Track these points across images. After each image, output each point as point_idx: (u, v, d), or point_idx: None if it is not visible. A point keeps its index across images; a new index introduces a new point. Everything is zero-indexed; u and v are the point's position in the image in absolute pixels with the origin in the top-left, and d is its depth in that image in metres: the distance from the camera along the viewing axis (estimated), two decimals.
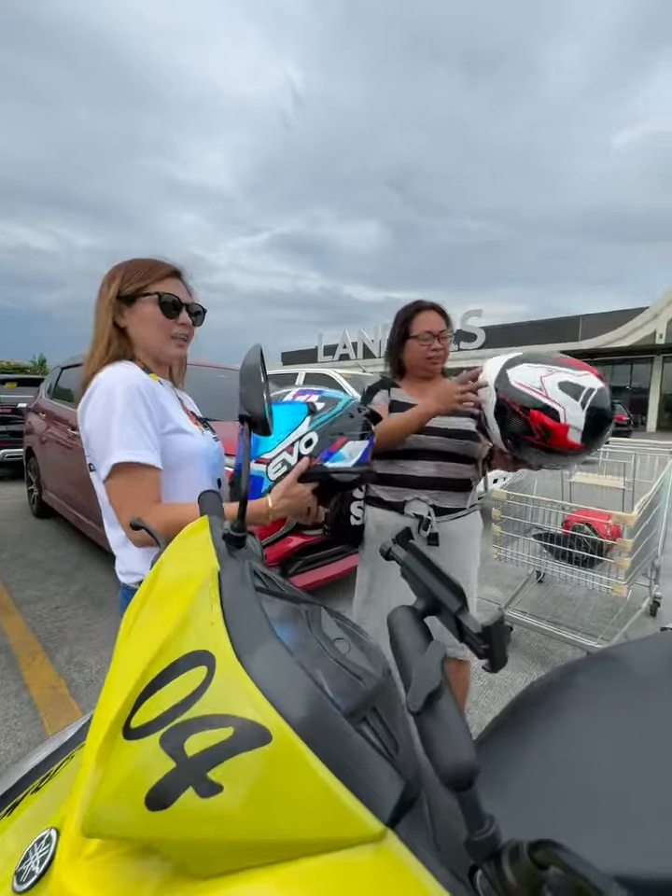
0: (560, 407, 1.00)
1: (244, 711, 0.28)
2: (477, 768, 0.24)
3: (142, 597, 0.45)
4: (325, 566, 2.57)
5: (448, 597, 0.31)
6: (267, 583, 0.43)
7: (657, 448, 2.67)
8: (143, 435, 0.79)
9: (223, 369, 3.35)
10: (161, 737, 0.29)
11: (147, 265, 0.88)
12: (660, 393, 22.84)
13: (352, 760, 0.27)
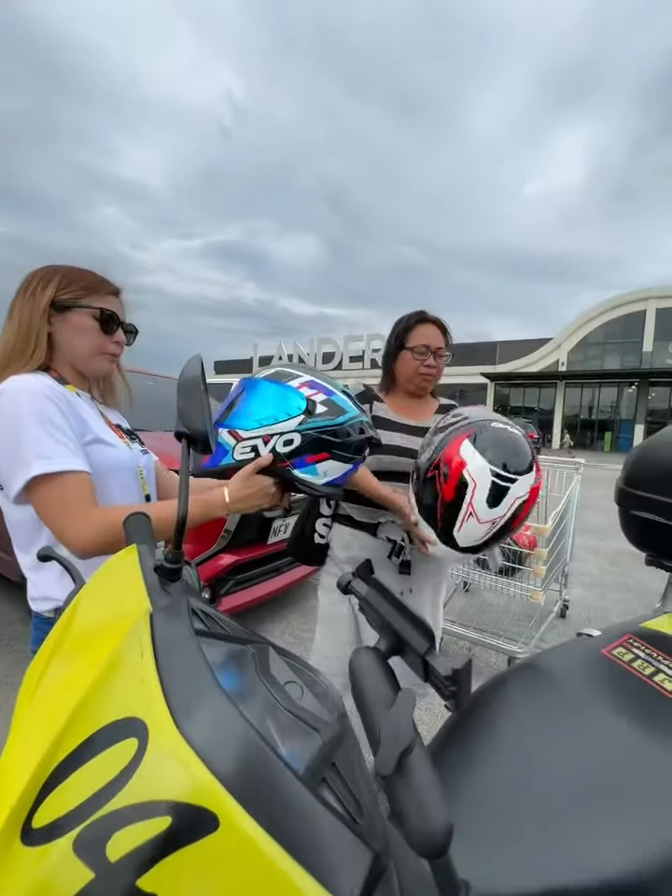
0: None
1: (184, 793, 0.23)
2: (450, 835, 0.22)
3: (51, 647, 0.37)
4: (257, 584, 2.46)
5: (415, 638, 0.29)
6: (208, 623, 0.38)
7: (564, 464, 2.96)
8: (62, 440, 0.71)
9: (151, 375, 3.14)
10: (75, 840, 0.23)
11: (90, 277, 0.84)
12: (563, 415, 25.71)
13: (313, 835, 0.24)
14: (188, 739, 0.25)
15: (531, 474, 0.96)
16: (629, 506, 1.12)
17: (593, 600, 3.24)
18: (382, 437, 1.18)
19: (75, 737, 0.28)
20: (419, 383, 1.28)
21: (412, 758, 0.23)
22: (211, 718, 0.27)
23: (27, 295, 0.79)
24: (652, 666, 0.88)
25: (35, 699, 0.34)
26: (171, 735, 0.25)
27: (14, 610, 2.63)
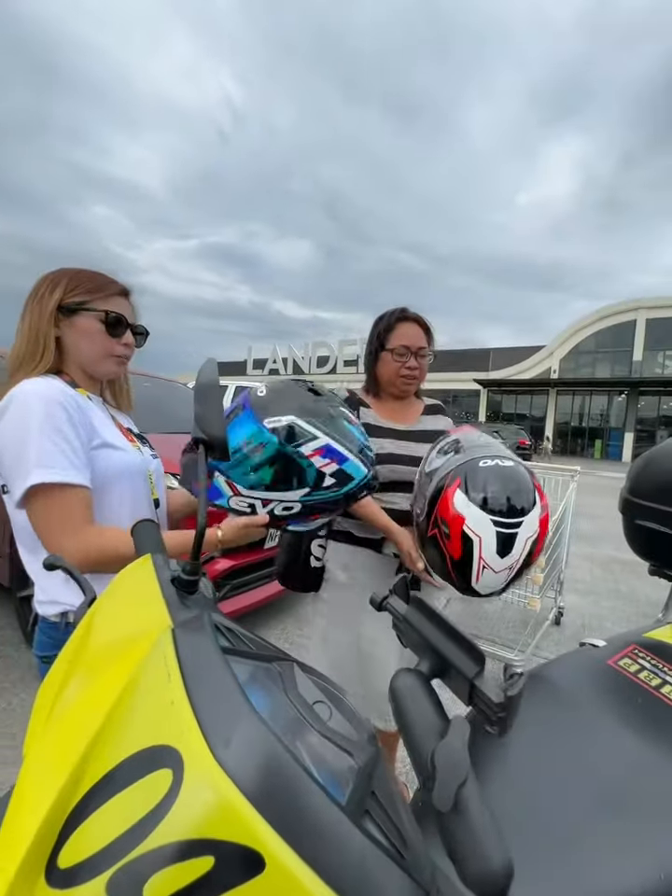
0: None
1: (227, 831, 0.22)
2: (510, 875, 0.21)
3: (66, 665, 0.35)
4: (253, 589, 2.44)
5: (463, 660, 0.28)
6: (232, 640, 0.36)
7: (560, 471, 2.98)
8: (66, 451, 0.71)
9: (148, 377, 3.10)
10: (108, 881, 0.21)
11: (98, 279, 0.83)
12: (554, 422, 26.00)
13: (361, 873, 0.22)
14: (227, 770, 0.24)
15: (536, 509, 0.86)
16: (633, 515, 1.12)
17: (587, 607, 3.25)
18: (372, 445, 1.13)
19: (99, 767, 0.26)
20: (401, 385, 1.22)
21: (466, 791, 0.22)
22: (249, 746, 0.25)
23: (36, 299, 0.79)
24: (659, 678, 0.88)
25: (50, 722, 0.32)
26: (209, 766, 0.24)
27: (3, 615, 2.56)
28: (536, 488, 0.88)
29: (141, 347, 0.90)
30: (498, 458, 0.89)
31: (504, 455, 0.91)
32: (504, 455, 0.92)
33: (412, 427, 1.24)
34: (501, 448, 0.97)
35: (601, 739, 0.74)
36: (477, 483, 0.85)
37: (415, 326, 1.20)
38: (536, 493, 0.88)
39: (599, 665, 0.93)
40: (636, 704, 0.81)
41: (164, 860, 0.21)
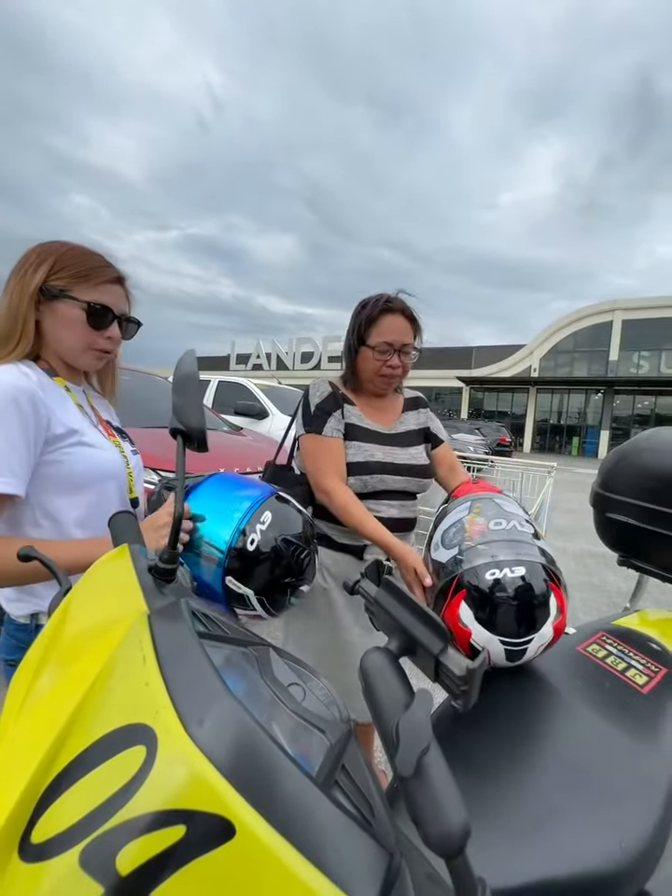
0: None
1: (198, 801, 0.23)
2: (467, 833, 0.22)
3: (40, 654, 0.36)
4: None
5: (429, 637, 0.29)
6: (208, 625, 0.37)
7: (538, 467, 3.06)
8: (10, 454, 0.65)
9: (128, 370, 3.04)
10: (81, 853, 0.22)
11: (88, 262, 0.75)
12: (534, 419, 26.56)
13: (329, 839, 0.23)
14: (199, 745, 0.24)
15: (550, 620, 0.77)
16: (604, 509, 1.17)
17: None
18: (360, 453, 1.11)
19: (74, 746, 0.26)
20: (380, 384, 1.13)
21: (428, 758, 0.23)
22: (222, 722, 0.26)
23: (19, 274, 0.72)
24: (624, 662, 0.92)
25: (24, 709, 0.32)
26: (182, 742, 0.25)
27: None
28: (551, 592, 0.78)
29: (130, 339, 0.84)
30: (508, 567, 0.77)
31: (513, 560, 0.78)
32: (514, 558, 0.79)
33: (394, 430, 1.19)
34: (514, 535, 0.84)
35: (570, 721, 0.77)
36: (481, 601, 0.76)
37: (400, 318, 1.08)
38: (549, 603, 0.78)
39: (569, 651, 0.97)
40: (603, 688, 0.85)
41: (136, 830, 0.22)
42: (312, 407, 1.13)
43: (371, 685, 0.28)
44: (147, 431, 1.87)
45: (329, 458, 1.09)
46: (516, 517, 0.89)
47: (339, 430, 1.11)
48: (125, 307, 0.80)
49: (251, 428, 4.32)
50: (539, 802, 0.61)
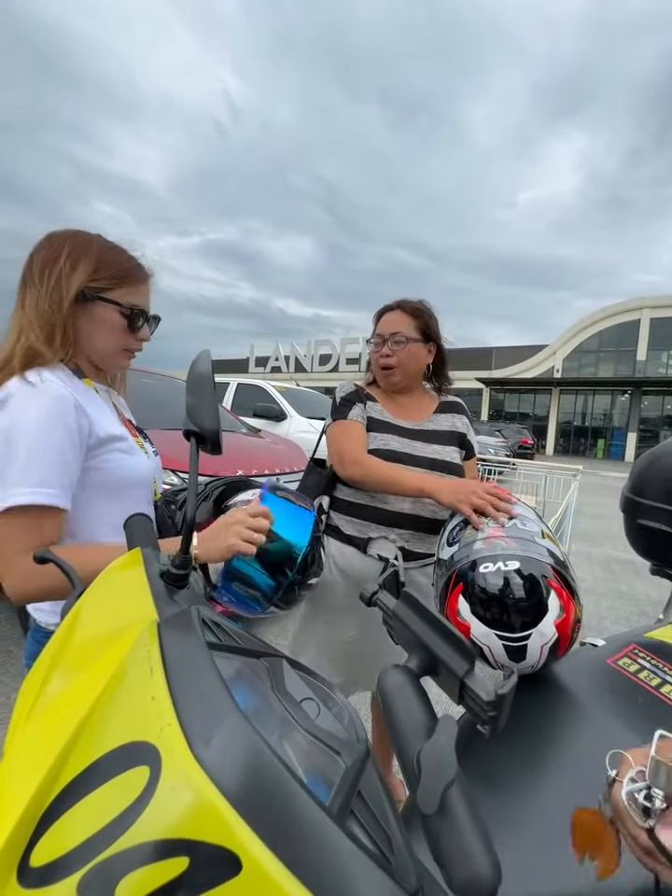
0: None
1: (203, 831, 0.21)
2: (498, 881, 0.20)
3: (49, 661, 0.35)
4: None
5: (453, 658, 0.27)
6: (220, 635, 0.35)
7: (562, 470, 2.97)
8: (61, 467, 0.64)
9: (149, 373, 3.10)
10: (80, 882, 0.20)
11: (124, 262, 0.73)
12: (557, 421, 25.92)
13: (344, 879, 0.21)
14: (205, 768, 0.23)
15: (549, 615, 0.76)
16: (635, 514, 1.11)
17: (587, 606, 3.24)
18: (375, 441, 1.12)
19: (76, 764, 0.25)
20: (380, 377, 1.18)
21: (452, 792, 0.21)
22: (230, 745, 0.24)
23: (53, 275, 0.67)
24: (658, 677, 0.87)
25: (31, 718, 0.31)
26: (187, 765, 0.23)
27: (2, 611, 2.57)
28: (551, 589, 0.77)
29: (153, 333, 0.83)
30: (502, 560, 0.78)
31: (509, 555, 0.79)
32: (510, 553, 0.79)
33: (419, 426, 1.16)
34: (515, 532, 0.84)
35: (601, 738, 0.73)
36: (476, 593, 0.77)
37: (395, 313, 1.14)
38: (549, 598, 0.77)
39: (599, 665, 0.92)
40: (636, 703, 0.81)
41: (137, 860, 0.21)
42: (338, 400, 1.20)
43: (389, 707, 0.26)
44: (166, 433, 1.89)
45: (354, 437, 1.12)
46: (520, 517, 0.89)
47: (363, 418, 1.15)
48: (149, 304, 0.80)
49: (269, 430, 4.34)
50: (563, 817, 0.58)
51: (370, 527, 1.12)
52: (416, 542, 1.12)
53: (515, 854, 0.51)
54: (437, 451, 1.14)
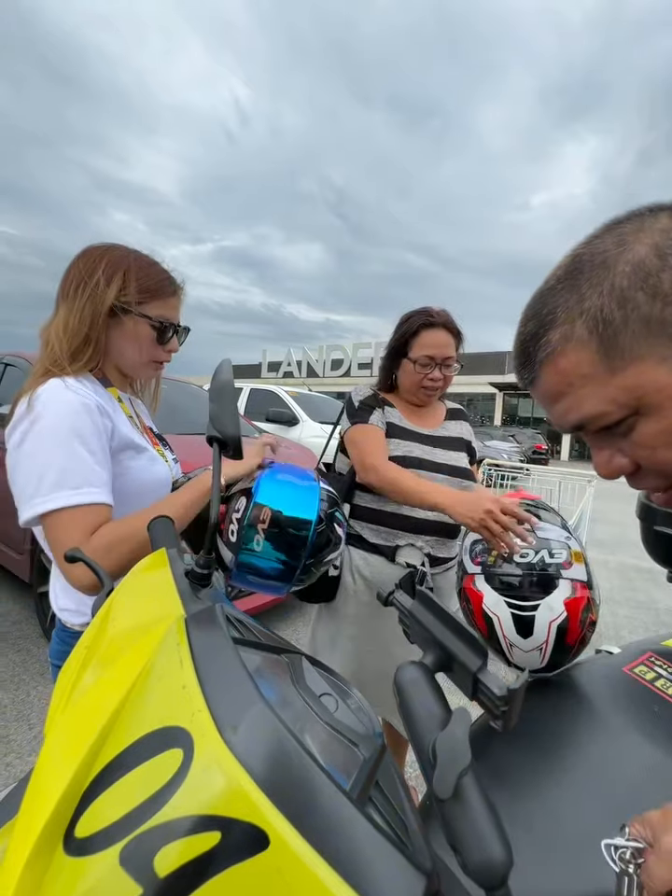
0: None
1: (233, 808, 0.23)
2: (510, 864, 0.21)
3: (82, 655, 0.37)
4: None
5: (466, 654, 0.28)
6: (243, 631, 0.37)
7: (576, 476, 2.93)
8: (94, 468, 0.66)
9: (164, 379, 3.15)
10: (121, 852, 0.22)
11: (155, 275, 0.76)
12: None
13: (363, 857, 0.23)
14: (234, 752, 0.25)
15: (559, 592, 0.81)
16: (651, 521, 1.10)
17: (603, 615, 3.18)
18: (399, 448, 1.12)
19: (114, 746, 0.27)
20: (421, 396, 1.16)
21: (467, 780, 0.23)
22: (256, 729, 0.26)
23: (88, 289, 0.70)
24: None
25: (69, 707, 0.33)
26: (217, 747, 0.25)
27: (21, 609, 2.64)
28: (564, 567, 0.82)
29: (181, 344, 0.85)
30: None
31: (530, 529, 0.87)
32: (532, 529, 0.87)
33: (436, 433, 1.19)
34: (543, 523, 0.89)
35: (616, 746, 0.73)
36: (490, 563, 0.85)
37: (443, 332, 1.10)
38: (561, 574, 0.82)
39: (614, 672, 0.91)
40: (652, 712, 0.80)
41: (174, 833, 0.22)
42: (356, 403, 1.17)
43: (405, 700, 0.28)
44: (182, 438, 1.93)
45: (375, 442, 1.11)
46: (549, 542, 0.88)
47: (382, 423, 1.14)
48: (179, 316, 0.82)
49: (282, 435, 4.38)
50: (576, 823, 0.58)
51: (396, 535, 1.11)
52: (440, 548, 1.14)
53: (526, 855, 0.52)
54: (454, 458, 1.17)
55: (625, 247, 0.32)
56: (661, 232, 0.32)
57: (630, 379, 0.32)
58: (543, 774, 0.68)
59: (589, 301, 0.32)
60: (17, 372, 2.67)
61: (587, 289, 0.33)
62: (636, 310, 0.31)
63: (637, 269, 0.31)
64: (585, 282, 0.33)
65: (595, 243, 0.34)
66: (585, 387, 0.34)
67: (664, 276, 0.31)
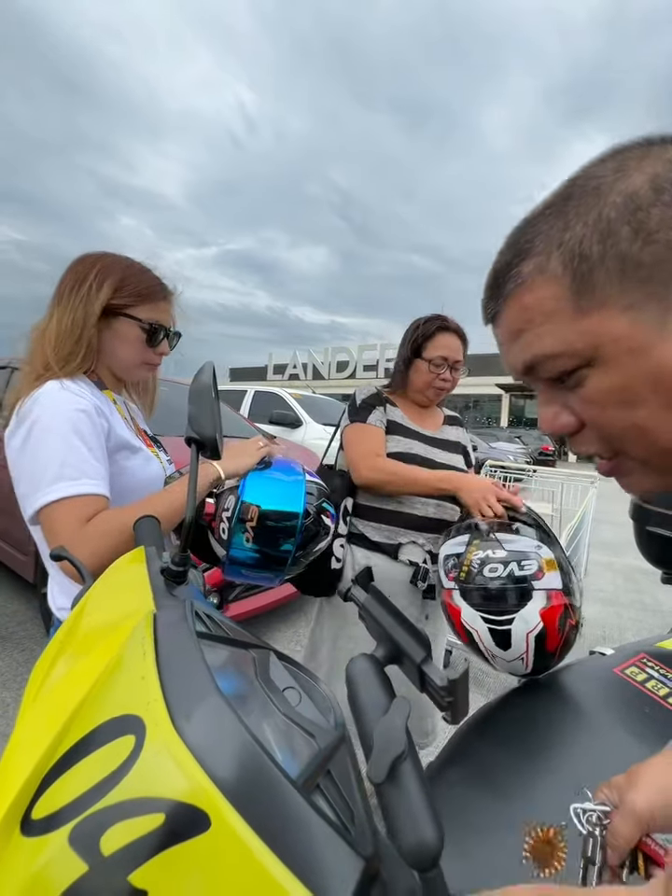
0: None
1: (178, 792, 0.24)
2: (441, 846, 0.22)
3: (56, 647, 0.38)
4: (264, 592, 2.47)
5: (412, 646, 0.29)
6: (211, 626, 0.38)
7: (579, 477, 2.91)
8: (91, 462, 0.68)
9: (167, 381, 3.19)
10: (70, 832, 0.23)
11: (146, 280, 0.78)
12: None
13: (303, 841, 0.24)
14: (184, 739, 0.26)
15: (533, 603, 0.80)
16: (645, 522, 1.10)
17: (608, 618, 3.15)
18: (400, 444, 1.17)
19: (76, 733, 0.29)
20: (431, 395, 1.23)
21: (404, 767, 0.23)
22: (208, 720, 0.27)
23: (81, 292, 0.73)
24: (667, 687, 0.86)
25: (39, 696, 0.35)
26: (168, 734, 0.26)
27: (26, 609, 2.67)
28: (537, 578, 0.81)
29: (172, 351, 0.88)
30: (491, 549, 0.84)
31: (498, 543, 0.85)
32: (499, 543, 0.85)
33: (437, 435, 1.26)
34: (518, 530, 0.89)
35: (606, 747, 0.73)
36: (464, 578, 0.84)
37: (454, 337, 1.20)
38: (534, 585, 0.81)
39: (605, 673, 0.91)
40: (642, 713, 0.80)
41: (120, 815, 0.23)
42: (358, 402, 1.22)
43: (353, 691, 0.29)
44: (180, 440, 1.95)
45: (372, 441, 1.16)
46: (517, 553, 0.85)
47: (382, 422, 1.19)
48: (172, 321, 0.85)
49: (285, 437, 4.40)
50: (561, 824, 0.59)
51: (398, 533, 1.14)
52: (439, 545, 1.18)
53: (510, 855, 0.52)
54: (453, 460, 1.23)
55: (623, 175, 0.29)
56: (666, 163, 0.28)
57: (592, 324, 0.29)
58: (530, 776, 0.68)
59: (571, 232, 0.30)
60: None
61: (573, 217, 0.30)
62: (615, 246, 0.28)
63: (629, 200, 0.28)
64: (573, 209, 0.30)
65: (593, 168, 0.31)
66: (545, 325, 0.31)
67: (653, 212, 0.28)
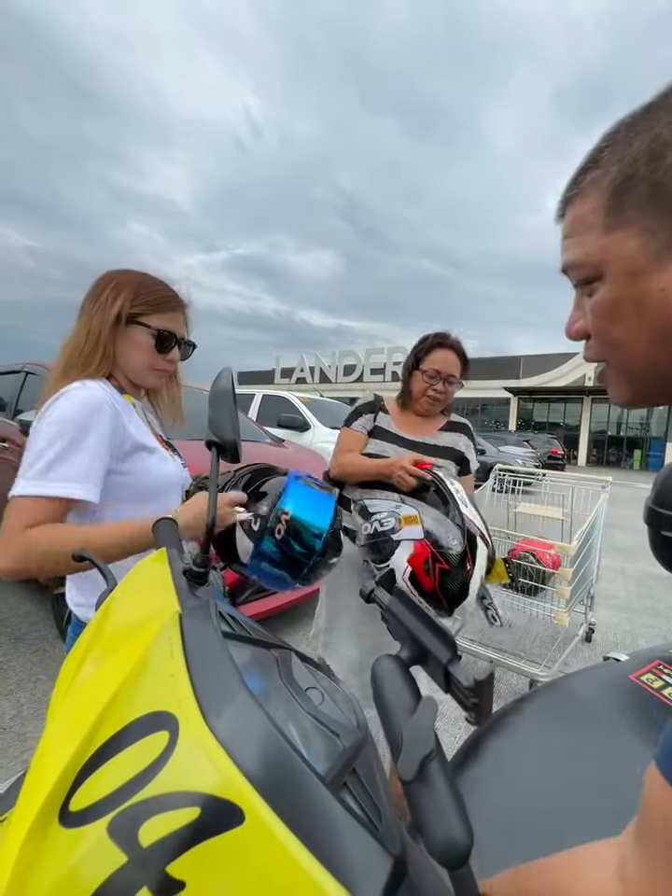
0: None
1: (212, 786, 0.25)
2: (471, 844, 0.22)
3: (84, 646, 0.39)
4: (273, 595, 2.47)
5: (437, 647, 0.30)
6: (234, 626, 0.39)
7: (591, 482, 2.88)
8: (83, 459, 0.71)
9: None
10: (109, 824, 0.24)
11: (158, 292, 0.84)
12: (589, 431, 25.02)
13: (334, 837, 0.24)
14: (216, 735, 0.26)
15: (399, 552, 1.02)
16: (659, 526, 1.08)
17: (621, 624, 3.11)
18: (376, 447, 1.31)
19: (109, 728, 0.29)
20: (425, 404, 1.34)
21: (433, 765, 0.24)
22: (238, 716, 0.28)
23: (99, 303, 0.80)
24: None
25: (69, 693, 0.35)
26: (201, 730, 0.27)
27: (38, 610, 2.71)
28: (394, 531, 1.05)
29: (186, 359, 0.94)
30: (363, 516, 1.15)
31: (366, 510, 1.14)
32: (367, 510, 1.14)
33: (419, 439, 1.34)
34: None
35: (620, 755, 0.72)
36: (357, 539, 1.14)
37: (451, 353, 1.29)
38: (390, 538, 1.05)
39: (620, 680, 0.90)
40: (657, 720, 0.79)
41: (157, 807, 0.24)
42: (352, 408, 1.40)
43: (379, 690, 0.29)
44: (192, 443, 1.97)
45: (349, 442, 1.34)
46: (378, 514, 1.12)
47: (365, 428, 1.35)
48: (185, 331, 0.90)
49: (293, 440, 4.41)
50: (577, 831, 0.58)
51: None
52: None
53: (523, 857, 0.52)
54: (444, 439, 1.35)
55: None
56: None
57: (611, 242, 0.30)
58: (543, 780, 0.68)
59: (630, 148, 0.29)
60: (38, 381, 2.77)
61: (641, 129, 0.29)
62: (656, 171, 0.27)
63: None
64: (647, 121, 0.29)
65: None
66: (581, 235, 0.33)
67: None
